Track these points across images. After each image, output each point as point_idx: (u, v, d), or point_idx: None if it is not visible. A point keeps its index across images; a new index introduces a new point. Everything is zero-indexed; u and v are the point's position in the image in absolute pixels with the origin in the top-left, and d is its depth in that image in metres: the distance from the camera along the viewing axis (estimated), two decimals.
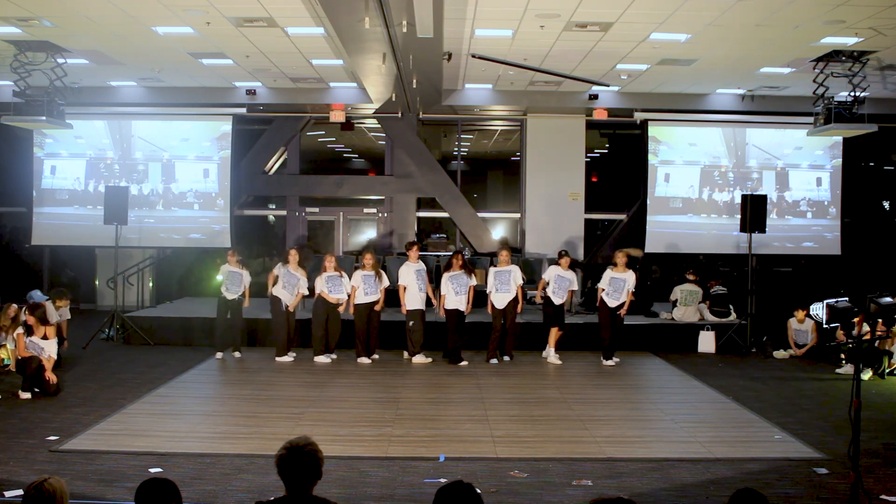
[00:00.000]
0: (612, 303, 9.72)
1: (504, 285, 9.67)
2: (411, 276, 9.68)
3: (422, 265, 9.92)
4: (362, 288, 9.68)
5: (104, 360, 9.77)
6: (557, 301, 9.79)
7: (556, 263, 9.90)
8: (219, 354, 9.90)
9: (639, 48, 9.97)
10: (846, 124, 10.80)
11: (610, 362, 9.74)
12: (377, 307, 9.81)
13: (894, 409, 7.75)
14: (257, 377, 8.97)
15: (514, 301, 9.73)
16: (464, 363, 9.60)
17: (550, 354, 9.88)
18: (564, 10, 8.43)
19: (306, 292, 9.95)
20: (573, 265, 10.43)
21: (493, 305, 9.73)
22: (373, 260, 9.78)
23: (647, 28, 9.07)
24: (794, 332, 10.76)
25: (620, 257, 9.80)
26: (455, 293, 9.61)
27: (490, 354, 9.80)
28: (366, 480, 5.34)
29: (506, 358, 9.89)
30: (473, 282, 9.87)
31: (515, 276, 9.75)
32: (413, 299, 9.69)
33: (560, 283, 9.77)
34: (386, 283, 9.92)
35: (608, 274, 9.80)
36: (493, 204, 15.84)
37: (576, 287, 10.18)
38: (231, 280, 9.93)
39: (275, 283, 9.77)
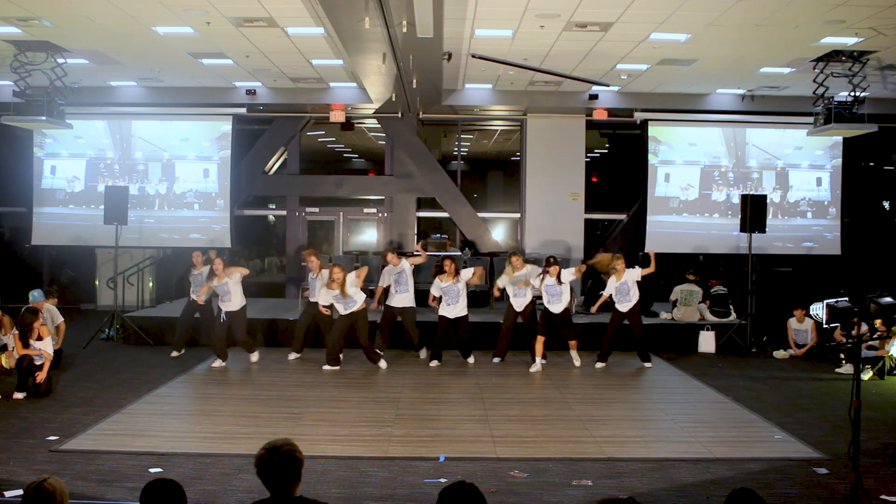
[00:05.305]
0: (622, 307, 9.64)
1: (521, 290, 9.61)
2: (385, 277, 9.88)
3: (402, 266, 9.67)
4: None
5: (104, 360, 9.77)
6: (554, 310, 9.40)
7: (546, 272, 9.38)
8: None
9: (639, 48, 9.97)
10: (846, 124, 10.80)
11: (602, 364, 9.67)
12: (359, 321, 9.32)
13: (894, 409, 7.75)
14: (257, 377, 8.98)
15: (532, 303, 9.81)
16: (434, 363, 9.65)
17: (574, 358, 9.73)
18: (564, 10, 8.43)
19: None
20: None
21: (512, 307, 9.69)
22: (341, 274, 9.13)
23: (647, 28, 9.07)
24: (793, 332, 10.76)
25: (619, 263, 9.53)
26: (446, 304, 9.56)
27: (500, 351, 9.84)
28: (366, 480, 5.34)
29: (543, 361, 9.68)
30: (468, 274, 9.62)
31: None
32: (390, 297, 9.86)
33: (549, 291, 9.36)
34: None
35: (612, 282, 9.63)
36: (493, 204, 15.83)
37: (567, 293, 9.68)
38: (195, 283, 10.15)
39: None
